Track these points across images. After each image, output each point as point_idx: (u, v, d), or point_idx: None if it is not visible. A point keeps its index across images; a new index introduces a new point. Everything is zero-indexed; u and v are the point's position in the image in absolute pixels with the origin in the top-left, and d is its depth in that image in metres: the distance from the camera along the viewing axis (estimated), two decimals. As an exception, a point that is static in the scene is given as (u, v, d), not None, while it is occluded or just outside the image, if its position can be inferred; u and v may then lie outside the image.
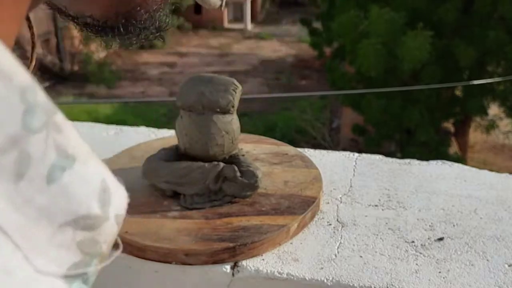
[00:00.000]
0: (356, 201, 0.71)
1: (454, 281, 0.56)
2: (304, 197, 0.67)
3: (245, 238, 0.59)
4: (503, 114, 10.75)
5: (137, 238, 0.60)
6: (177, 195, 0.67)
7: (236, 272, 0.59)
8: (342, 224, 0.66)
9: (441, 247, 0.62)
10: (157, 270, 0.60)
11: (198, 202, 0.65)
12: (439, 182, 0.76)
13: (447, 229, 0.65)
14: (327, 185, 0.75)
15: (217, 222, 0.62)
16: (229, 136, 0.67)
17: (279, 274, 0.58)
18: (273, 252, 0.61)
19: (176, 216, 0.64)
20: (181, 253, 0.58)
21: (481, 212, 0.69)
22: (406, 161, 0.82)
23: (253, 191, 0.65)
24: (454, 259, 0.60)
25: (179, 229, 0.61)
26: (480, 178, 0.77)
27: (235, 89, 0.66)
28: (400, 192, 0.73)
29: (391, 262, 0.59)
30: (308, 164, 0.76)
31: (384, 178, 0.77)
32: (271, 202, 0.66)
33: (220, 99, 0.65)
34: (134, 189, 0.69)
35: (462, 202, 0.71)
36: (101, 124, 0.97)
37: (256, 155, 0.78)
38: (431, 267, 0.58)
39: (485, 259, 0.60)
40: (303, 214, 0.64)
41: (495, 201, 0.71)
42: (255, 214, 0.64)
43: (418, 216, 0.68)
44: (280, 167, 0.75)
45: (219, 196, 0.66)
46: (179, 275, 0.60)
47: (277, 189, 0.69)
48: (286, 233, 0.62)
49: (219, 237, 0.60)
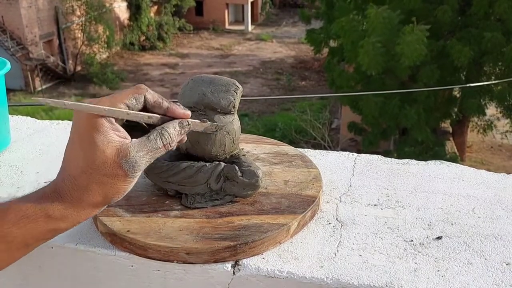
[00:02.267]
0: (355, 201, 0.72)
1: (452, 279, 0.57)
2: (304, 196, 0.68)
3: (246, 237, 0.60)
4: (500, 115, 10.75)
5: (139, 237, 0.60)
6: (178, 194, 0.68)
7: (237, 270, 0.59)
8: (342, 223, 0.67)
9: (439, 246, 0.62)
10: (158, 269, 0.61)
11: (200, 202, 0.66)
12: (437, 182, 0.76)
13: (446, 228, 0.66)
14: (327, 184, 0.76)
15: (218, 221, 0.63)
16: (230, 136, 0.67)
17: (280, 273, 0.58)
18: (274, 251, 0.61)
19: (177, 215, 0.64)
20: (182, 252, 0.59)
21: (479, 211, 0.69)
22: (404, 161, 0.83)
23: (254, 190, 0.66)
24: (452, 258, 0.60)
25: (181, 228, 0.62)
26: (478, 177, 0.78)
27: (236, 89, 0.67)
28: (399, 192, 0.74)
29: (390, 260, 0.60)
30: (308, 164, 0.76)
31: (383, 177, 0.78)
32: (272, 202, 0.67)
33: (221, 99, 0.66)
34: (136, 188, 0.70)
35: (460, 201, 0.72)
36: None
37: (256, 155, 0.78)
38: (430, 266, 0.59)
39: (483, 257, 0.60)
40: (303, 213, 0.65)
41: (493, 200, 0.72)
42: (255, 213, 0.64)
43: (416, 215, 0.68)
44: (280, 167, 0.75)
45: (220, 195, 0.66)
46: (180, 274, 0.61)
47: (277, 188, 0.70)
48: (287, 232, 0.63)
49: (220, 236, 0.60)
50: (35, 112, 11.64)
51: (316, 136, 11.82)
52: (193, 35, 22.86)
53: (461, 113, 10.59)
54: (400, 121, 9.19)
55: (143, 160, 0.54)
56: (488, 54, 9.04)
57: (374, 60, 8.35)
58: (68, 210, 0.53)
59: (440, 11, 8.82)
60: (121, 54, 20.77)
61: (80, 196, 0.53)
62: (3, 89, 0.86)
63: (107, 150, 0.52)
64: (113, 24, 19.67)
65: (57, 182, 0.54)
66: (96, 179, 0.52)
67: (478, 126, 11.44)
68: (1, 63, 0.86)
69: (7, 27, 17.29)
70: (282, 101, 15.65)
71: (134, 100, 0.55)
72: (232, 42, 22.38)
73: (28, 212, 0.51)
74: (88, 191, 0.52)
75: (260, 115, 15.13)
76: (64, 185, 0.53)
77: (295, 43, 21.67)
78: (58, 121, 1.00)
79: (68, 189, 0.53)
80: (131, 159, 0.53)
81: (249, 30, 23.85)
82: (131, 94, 0.55)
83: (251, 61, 19.96)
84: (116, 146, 0.52)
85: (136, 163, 0.53)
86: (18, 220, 0.51)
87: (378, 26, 8.36)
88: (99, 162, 0.52)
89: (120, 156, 0.52)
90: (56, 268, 0.67)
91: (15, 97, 16.01)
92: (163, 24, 21.35)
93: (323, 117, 12.48)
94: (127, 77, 18.54)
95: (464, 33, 9.06)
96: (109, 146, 0.52)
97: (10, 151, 0.88)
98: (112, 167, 0.52)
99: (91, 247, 0.63)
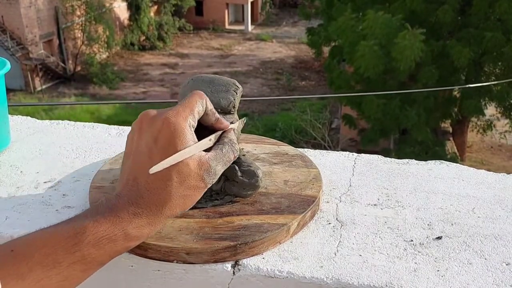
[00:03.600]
0: (355, 200, 0.72)
1: (452, 279, 0.57)
2: (304, 196, 0.68)
3: (246, 237, 0.60)
4: (499, 115, 10.75)
5: (139, 236, 0.60)
6: (178, 194, 0.68)
7: (237, 270, 0.59)
8: (342, 223, 0.67)
9: (439, 246, 0.62)
10: (158, 269, 0.61)
11: (200, 202, 0.66)
12: (437, 182, 0.76)
13: (445, 228, 0.66)
14: (327, 184, 0.76)
15: (218, 221, 0.63)
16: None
17: (280, 273, 0.58)
18: (274, 251, 0.61)
19: (177, 215, 0.64)
20: (182, 252, 0.59)
21: (479, 211, 0.69)
22: (404, 161, 0.83)
23: (254, 190, 0.66)
24: (452, 258, 0.60)
25: (181, 228, 0.62)
26: (477, 177, 0.78)
27: (236, 89, 0.67)
28: (399, 192, 0.74)
29: (390, 260, 0.60)
30: (308, 164, 0.76)
31: (383, 177, 0.78)
32: (272, 201, 0.67)
33: (221, 99, 0.66)
34: (136, 188, 0.70)
35: (460, 201, 0.72)
36: (104, 125, 0.98)
37: (256, 155, 0.78)
38: (430, 266, 0.59)
39: (483, 257, 0.60)
40: (303, 213, 0.65)
41: (493, 200, 0.72)
42: (255, 213, 0.64)
43: (416, 215, 0.68)
44: (280, 167, 0.75)
45: (220, 195, 0.66)
46: (180, 274, 0.60)
47: (277, 188, 0.70)
48: (286, 232, 0.63)
49: (220, 236, 0.60)
50: (35, 112, 11.64)
51: (316, 136, 11.83)
52: (193, 35, 22.86)
53: (460, 113, 10.60)
54: (401, 121, 9.21)
55: (220, 171, 0.56)
56: (488, 54, 9.06)
57: (371, 63, 8.38)
58: (146, 227, 0.52)
59: (441, 12, 8.83)
60: (121, 54, 20.77)
61: (160, 210, 0.52)
62: (3, 89, 0.86)
63: (190, 163, 0.52)
64: (113, 24, 19.68)
65: (132, 195, 0.52)
66: (180, 192, 0.53)
67: (478, 126, 11.45)
68: (1, 63, 0.86)
69: (7, 27, 17.30)
70: (282, 101, 15.65)
71: (201, 106, 0.56)
72: (232, 42, 22.38)
73: (107, 233, 0.51)
74: (170, 204, 0.53)
75: (260, 115, 15.14)
76: (142, 199, 0.52)
77: (295, 43, 21.67)
78: (58, 121, 1.00)
79: (146, 204, 0.52)
80: (212, 171, 0.54)
81: (249, 30, 23.85)
82: (197, 101, 0.56)
83: (251, 61, 19.96)
84: (197, 159, 0.53)
85: (215, 175, 0.55)
86: (97, 241, 0.50)
87: (376, 30, 8.39)
88: (184, 175, 0.52)
89: (202, 169, 0.53)
90: (56, 268, 0.67)
91: (15, 97, 16.02)
92: (163, 24, 21.36)
93: (323, 117, 12.49)
94: (127, 77, 18.54)
95: (464, 33, 9.07)
96: (192, 159, 0.53)
97: (10, 151, 0.88)
98: (195, 180, 0.53)
99: (91, 247, 0.63)
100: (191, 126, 0.54)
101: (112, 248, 0.51)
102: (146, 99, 16.06)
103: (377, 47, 8.38)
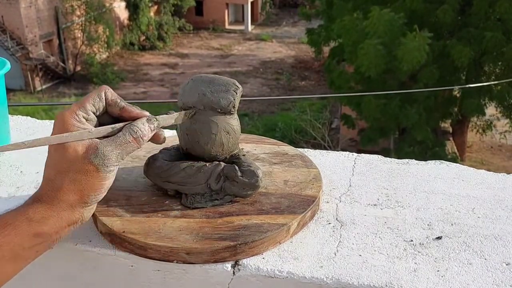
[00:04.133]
0: (355, 201, 0.72)
1: (452, 279, 0.57)
2: (304, 196, 0.68)
3: (245, 237, 0.60)
4: (500, 115, 10.75)
5: (139, 237, 0.60)
6: (178, 194, 0.68)
7: (237, 270, 0.59)
8: (342, 223, 0.67)
9: (439, 246, 0.62)
10: (158, 269, 0.61)
11: (200, 201, 0.66)
12: (437, 182, 0.76)
13: (445, 228, 0.66)
14: (327, 184, 0.76)
15: (218, 221, 0.63)
16: (230, 136, 0.67)
17: (280, 273, 0.58)
18: (274, 251, 0.62)
19: (177, 215, 0.65)
20: (182, 252, 0.59)
21: (479, 211, 0.69)
22: (404, 161, 0.83)
23: (254, 190, 0.66)
24: (452, 258, 0.60)
25: (181, 228, 0.62)
26: (477, 177, 0.78)
27: (236, 89, 0.67)
28: (399, 192, 0.74)
29: (390, 260, 0.60)
30: (308, 164, 0.76)
31: (383, 177, 0.78)
32: (272, 201, 0.67)
33: (221, 99, 0.66)
34: (136, 188, 0.70)
35: (460, 201, 0.72)
36: (103, 125, 0.98)
37: (256, 155, 0.78)
38: (429, 266, 0.59)
39: (482, 257, 0.60)
40: (303, 213, 0.65)
41: (493, 200, 0.72)
42: (255, 213, 0.65)
43: (416, 215, 0.68)
44: (280, 167, 0.75)
45: (220, 195, 0.66)
46: (180, 274, 0.61)
47: (277, 188, 0.70)
48: (286, 232, 0.63)
49: (220, 236, 0.60)
50: (35, 112, 11.64)
51: (316, 136, 11.83)
52: (193, 35, 22.86)
53: (460, 113, 10.60)
54: (401, 121, 9.21)
55: (113, 154, 0.56)
56: (488, 53, 9.06)
57: (374, 62, 8.38)
58: (48, 212, 0.54)
59: (441, 12, 8.84)
60: (121, 54, 20.77)
61: (56, 196, 0.55)
62: (3, 89, 0.86)
63: (78, 148, 0.55)
64: (113, 24, 19.67)
65: (38, 189, 0.57)
66: (69, 177, 0.55)
67: (478, 126, 11.45)
68: (1, 63, 0.86)
69: (7, 27, 17.29)
70: (282, 101, 15.65)
71: (98, 98, 0.58)
72: (232, 42, 22.38)
73: (11, 219, 0.53)
74: (63, 189, 0.55)
75: (260, 115, 15.14)
76: (42, 188, 0.56)
77: (295, 43, 21.66)
78: (58, 121, 1.00)
79: (45, 191, 0.55)
80: (99, 153, 0.55)
81: (249, 30, 23.84)
82: (94, 94, 0.59)
83: (251, 61, 19.96)
84: (86, 144, 0.55)
85: (105, 157, 0.55)
86: (2, 228, 0.52)
87: (380, 28, 8.38)
88: (71, 160, 0.54)
89: (89, 152, 0.55)
90: (56, 268, 0.67)
91: (15, 97, 16.02)
92: (163, 24, 21.35)
93: (323, 117, 12.48)
94: (127, 77, 18.54)
95: (464, 33, 9.07)
96: (79, 144, 0.55)
97: (10, 151, 0.88)
98: (82, 163, 0.55)
99: (91, 247, 0.63)
100: (79, 115, 0.56)
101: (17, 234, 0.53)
102: (146, 99, 16.06)
103: (381, 46, 8.37)
